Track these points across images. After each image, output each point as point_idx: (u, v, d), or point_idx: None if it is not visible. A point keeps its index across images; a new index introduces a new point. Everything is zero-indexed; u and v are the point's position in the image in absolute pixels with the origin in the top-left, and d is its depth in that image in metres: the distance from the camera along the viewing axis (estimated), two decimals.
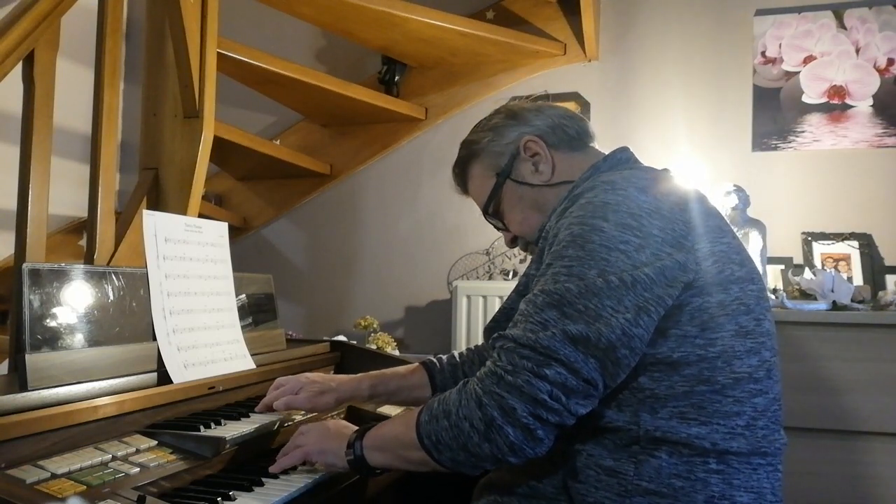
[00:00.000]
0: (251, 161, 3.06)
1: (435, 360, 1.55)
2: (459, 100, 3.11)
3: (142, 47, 2.25)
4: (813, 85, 2.75)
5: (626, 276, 1.03)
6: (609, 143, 1.37)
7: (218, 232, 1.61)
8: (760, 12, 2.81)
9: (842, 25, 2.73)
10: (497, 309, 1.35)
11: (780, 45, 2.78)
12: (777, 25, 2.79)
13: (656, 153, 2.72)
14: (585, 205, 1.11)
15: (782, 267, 2.64)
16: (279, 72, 2.73)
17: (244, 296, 1.69)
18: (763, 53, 2.80)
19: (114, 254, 1.93)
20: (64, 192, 2.22)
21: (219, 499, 1.09)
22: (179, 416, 1.34)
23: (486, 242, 2.99)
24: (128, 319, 1.35)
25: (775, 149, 2.78)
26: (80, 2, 1.81)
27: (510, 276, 2.90)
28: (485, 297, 2.74)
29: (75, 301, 1.25)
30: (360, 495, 1.30)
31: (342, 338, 2.14)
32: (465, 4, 3.08)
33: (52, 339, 1.20)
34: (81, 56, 2.41)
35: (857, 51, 2.71)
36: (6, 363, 1.82)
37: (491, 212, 1.38)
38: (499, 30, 2.90)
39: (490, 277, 2.97)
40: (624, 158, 1.31)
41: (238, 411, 1.41)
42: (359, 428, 1.21)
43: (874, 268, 2.59)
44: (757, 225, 2.50)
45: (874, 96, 2.68)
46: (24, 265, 1.18)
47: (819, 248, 2.63)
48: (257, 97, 3.09)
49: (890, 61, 2.68)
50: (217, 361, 1.48)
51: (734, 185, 2.52)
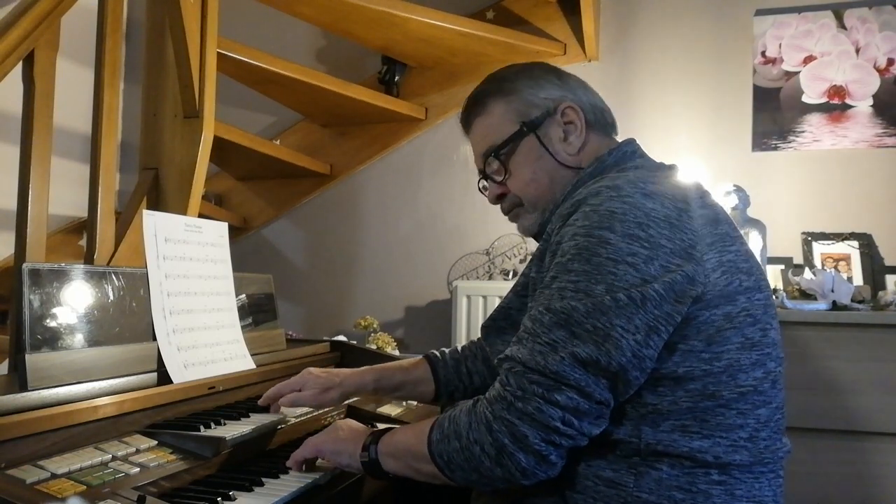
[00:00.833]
0: (251, 161, 3.06)
1: (438, 354, 1.52)
2: (459, 100, 3.06)
3: (142, 47, 2.25)
4: (813, 85, 2.75)
5: (635, 293, 0.99)
6: None
7: (218, 232, 1.61)
8: (760, 12, 2.81)
9: (842, 25, 2.73)
10: None
11: (780, 45, 2.78)
12: (777, 25, 2.79)
13: (656, 153, 2.65)
14: (590, 213, 1.05)
15: (782, 267, 2.64)
16: (279, 72, 2.74)
17: (244, 296, 1.69)
18: (763, 53, 2.80)
19: (114, 254, 1.93)
20: (64, 192, 2.22)
21: (219, 499, 1.09)
22: (179, 416, 1.34)
23: (486, 242, 2.99)
24: (128, 319, 1.35)
25: (775, 149, 2.78)
26: (80, 2, 1.82)
27: (510, 275, 2.90)
28: (485, 297, 2.73)
29: (75, 301, 1.25)
30: (360, 496, 1.29)
31: (342, 338, 2.14)
32: (465, 4, 3.07)
33: (52, 339, 1.20)
34: (81, 56, 2.41)
35: (857, 51, 2.71)
36: (6, 363, 1.82)
37: (499, 157, 1.27)
38: (499, 30, 2.90)
39: (490, 277, 2.97)
40: (630, 152, 1.26)
41: (238, 411, 1.41)
42: (374, 431, 1.20)
43: (874, 268, 2.59)
44: (757, 225, 2.50)
45: (874, 96, 2.68)
46: (24, 265, 1.18)
47: (819, 248, 2.63)
48: (257, 97, 3.09)
49: (890, 61, 2.68)
50: (217, 361, 1.49)
51: (734, 185, 2.52)
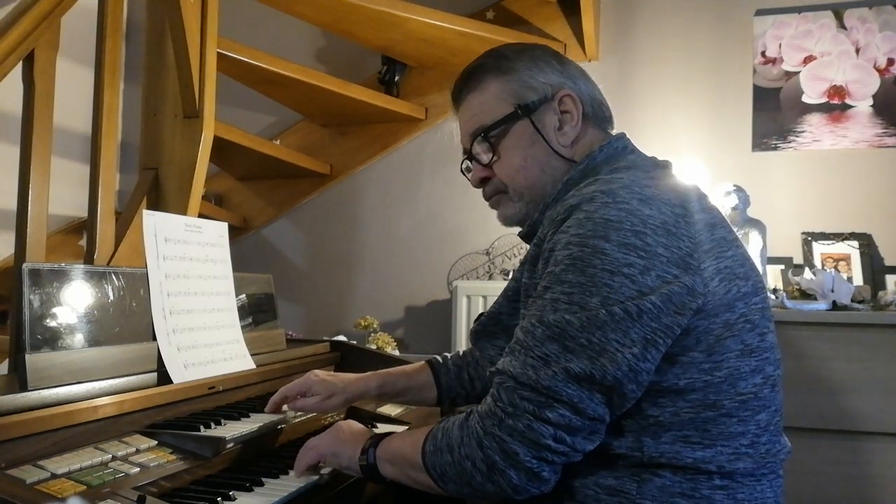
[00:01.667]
0: (251, 161, 3.06)
1: (440, 359, 1.52)
2: None
3: (142, 47, 2.25)
4: (813, 85, 2.75)
5: (631, 306, 0.96)
6: None
7: (218, 232, 1.61)
8: (760, 12, 2.81)
9: (842, 25, 2.73)
10: None
11: (780, 45, 2.78)
12: (777, 25, 2.79)
13: (656, 153, 2.67)
14: (585, 221, 1.01)
15: (782, 267, 2.64)
16: (279, 72, 2.74)
17: (244, 296, 1.69)
18: (763, 53, 2.80)
19: (114, 254, 1.94)
20: (64, 192, 2.22)
21: (219, 499, 1.09)
22: (179, 416, 1.33)
23: (486, 242, 2.99)
24: (128, 319, 1.35)
25: (775, 149, 2.78)
26: (80, 2, 1.82)
27: (510, 275, 2.90)
28: (485, 297, 2.73)
29: (75, 301, 1.25)
30: (360, 496, 1.29)
31: (342, 338, 2.15)
32: (465, 4, 3.08)
33: (52, 339, 1.19)
34: (81, 56, 2.41)
35: (857, 51, 2.71)
36: (6, 363, 1.82)
37: (488, 139, 1.22)
38: (499, 30, 2.90)
39: (490, 277, 2.97)
40: (620, 148, 1.22)
41: (238, 411, 1.40)
42: (373, 435, 1.20)
43: (874, 268, 2.59)
44: (757, 225, 2.50)
45: (874, 96, 2.68)
46: (24, 265, 1.18)
47: (819, 248, 2.63)
48: (257, 97, 3.10)
49: (890, 61, 2.68)
50: (217, 361, 1.48)
51: (734, 185, 2.52)
